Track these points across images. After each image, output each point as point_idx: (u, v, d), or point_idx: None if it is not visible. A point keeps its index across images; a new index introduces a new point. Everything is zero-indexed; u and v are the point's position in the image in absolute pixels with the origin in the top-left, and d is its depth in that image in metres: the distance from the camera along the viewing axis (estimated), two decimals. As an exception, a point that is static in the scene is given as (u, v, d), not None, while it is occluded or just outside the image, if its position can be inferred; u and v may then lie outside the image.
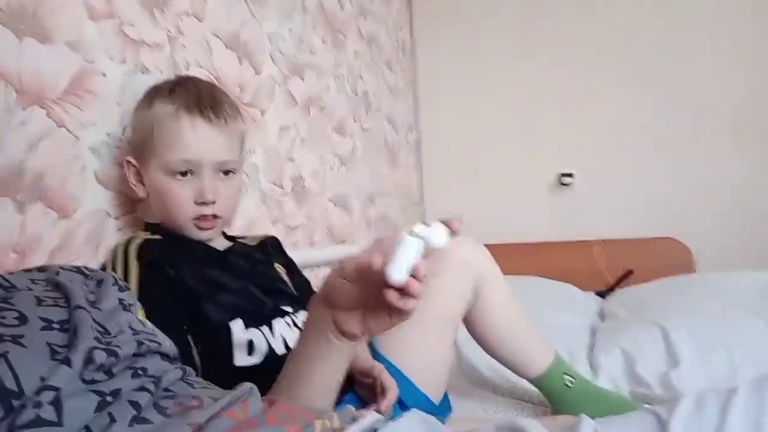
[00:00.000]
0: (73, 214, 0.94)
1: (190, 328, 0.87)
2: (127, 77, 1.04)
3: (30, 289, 0.59)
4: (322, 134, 1.79)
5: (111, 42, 1.02)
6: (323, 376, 0.67)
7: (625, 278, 1.95)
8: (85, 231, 0.96)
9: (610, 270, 2.12)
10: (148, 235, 0.95)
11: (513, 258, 1.10)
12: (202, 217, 0.94)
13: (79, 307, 0.56)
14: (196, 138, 0.91)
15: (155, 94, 0.95)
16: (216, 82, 1.29)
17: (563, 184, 2.45)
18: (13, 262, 0.83)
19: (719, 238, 2.24)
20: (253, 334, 0.90)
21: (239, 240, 1.07)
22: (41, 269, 0.67)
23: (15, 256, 0.84)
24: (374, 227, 2.17)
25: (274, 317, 0.94)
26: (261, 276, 1.00)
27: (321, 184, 1.77)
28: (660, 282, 1.59)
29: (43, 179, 0.89)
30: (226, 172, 0.96)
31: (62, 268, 0.67)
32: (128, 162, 0.97)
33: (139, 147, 0.95)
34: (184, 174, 0.92)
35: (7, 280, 0.59)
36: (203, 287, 0.90)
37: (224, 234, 1.06)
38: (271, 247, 1.11)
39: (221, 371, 0.82)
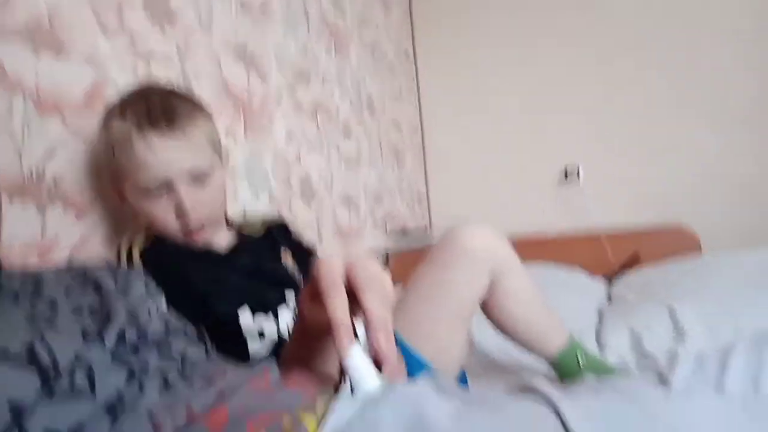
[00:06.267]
0: (90, 215, 0.99)
1: (201, 323, 0.90)
2: (139, 88, 1.09)
3: (58, 282, 0.63)
4: (328, 137, 1.84)
5: (123, 55, 1.07)
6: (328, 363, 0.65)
7: (631, 261, 1.96)
8: (101, 232, 1.01)
9: (619, 260, 2.13)
10: (152, 237, 0.96)
11: (521, 252, 1.10)
12: (188, 230, 0.93)
13: (110, 293, 0.59)
14: (155, 157, 0.87)
15: (110, 115, 0.91)
16: (225, 92, 1.34)
17: (569, 178, 2.47)
18: (37, 260, 0.88)
19: (727, 224, 2.25)
20: (261, 320, 0.92)
21: (244, 232, 1.07)
22: (68, 265, 0.71)
23: (38, 255, 0.88)
24: (381, 226, 2.21)
25: (278, 305, 0.95)
26: (267, 273, 1.00)
27: (328, 186, 1.81)
28: (666, 265, 1.61)
29: (62, 184, 0.93)
30: (201, 179, 0.92)
31: (88, 264, 0.71)
32: (111, 184, 0.97)
33: (111, 170, 0.94)
34: (159, 193, 0.90)
35: (36, 274, 0.63)
36: (208, 286, 0.92)
37: (227, 221, 1.06)
38: (277, 236, 1.10)
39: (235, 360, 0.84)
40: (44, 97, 0.91)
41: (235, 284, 0.95)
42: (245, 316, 0.92)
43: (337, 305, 0.48)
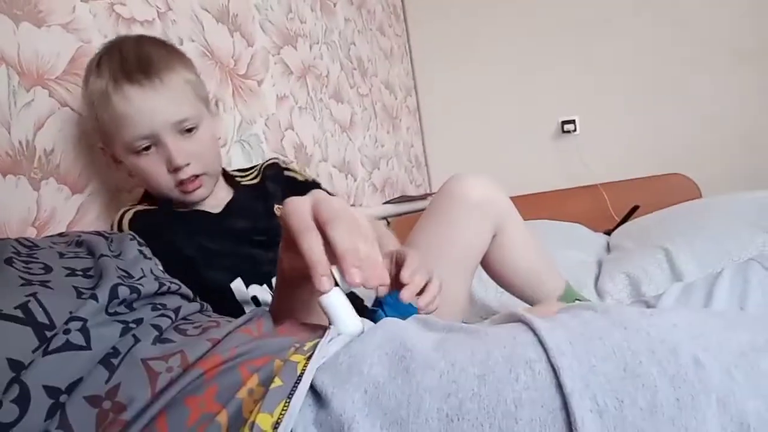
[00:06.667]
0: (85, 188, 0.99)
1: (194, 291, 0.88)
2: (122, 54, 1.08)
3: (52, 247, 0.63)
4: (319, 102, 1.82)
5: (104, 21, 1.05)
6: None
7: (631, 214, 1.96)
8: (97, 205, 1.01)
9: (619, 211, 2.13)
10: (142, 206, 0.94)
11: (523, 209, 1.10)
12: (182, 183, 0.90)
13: (103, 255, 0.60)
14: (134, 110, 0.84)
15: (87, 71, 0.88)
16: (210, 56, 1.32)
17: (566, 131, 2.45)
18: (32, 236, 0.88)
19: (725, 170, 2.25)
20: (255, 290, 0.92)
21: (240, 180, 1.04)
22: (62, 235, 0.71)
23: (34, 231, 0.89)
24: (381, 191, 2.21)
25: (273, 274, 0.93)
26: (262, 233, 0.97)
27: (323, 151, 1.80)
28: (664, 211, 1.61)
29: (54, 156, 0.93)
30: (189, 130, 0.89)
31: (83, 232, 0.72)
32: (101, 148, 0.94)
33: (99, 131, 0.91)
34: (147, 148, 0.87)
35: (29, 241, 0.63)
36: (200, 256, 0.90)
37: (225, 174, 1.03)
38: (272, 181, 1.05)
39: None
40: (28, 69, 0.90)
41: (226, 254, 0.92)
42: (238, 287, 0.91)
43: (311, 245, 0.47)
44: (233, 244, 0.94)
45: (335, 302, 0.49)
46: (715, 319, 0.38)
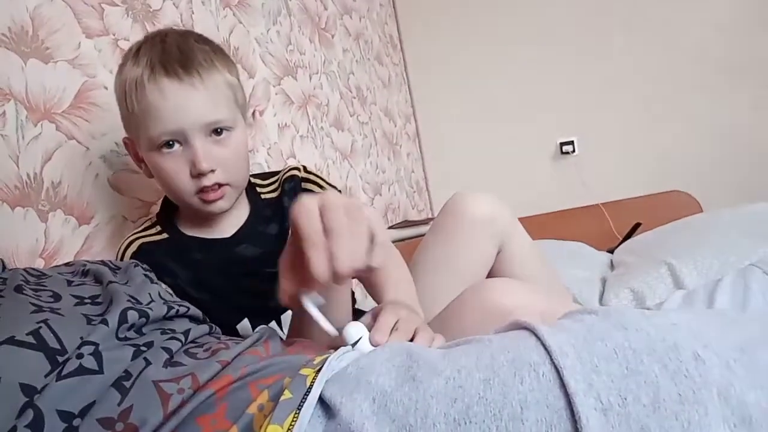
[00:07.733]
0: (92, 219, 1.00)
1: None
2: (127, 88, 1.10)
3: (60, 275, 0.64)
4: (320, 130, 1.85)
5: (108, 57, 1.08)
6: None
7: (634, 231, 1.97)
8: (104, 235, 1.02)
9: (621, 229, 2.13)
10: (148, 237, 0.92)
11: (526, 231, 1.11)
12: (204, 190, 0.83)
13: (111, 282, 0.61)
14: (167, 104, 0.78)
15: (125, 59, 0.84)
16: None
17: (564, 153, 2.47)
18: (40, 266, 0.89)
19: (725, 186, 2.25)
20: (262, 328, 0.90)
21: (260, 191, 0.98)
22: (68, 265, 0.73)
23: (42, 262, 0.90)
24: (383, 217, 2.22)
25: (282, 313, 0.92)
26: (273, 264, 0.93)
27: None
28: (665, 226, 1.61)
29: (61, 189, 0.95)
30: (219, 132, 0.83)
31: (88, 262, 0.73)
32: (125, 142, 0.90)
33: (126, 122, 0.86)
34: (171, 146, 0.81)
35: (37, 270, 0.64)
36: (204, 295, 0.87)
37: (250, 180, 0.97)
38: (289, 196, 0.97)
39: None
40: (35, 103, 0.93)
41: (235, 292, 0.90)
42: (245, 327, 0.90)
43: (318, 261, 0.50)
44: (241, 278, 0.90)
45: (355, 330, 0.51)
46: (714, 318, 0.38)
